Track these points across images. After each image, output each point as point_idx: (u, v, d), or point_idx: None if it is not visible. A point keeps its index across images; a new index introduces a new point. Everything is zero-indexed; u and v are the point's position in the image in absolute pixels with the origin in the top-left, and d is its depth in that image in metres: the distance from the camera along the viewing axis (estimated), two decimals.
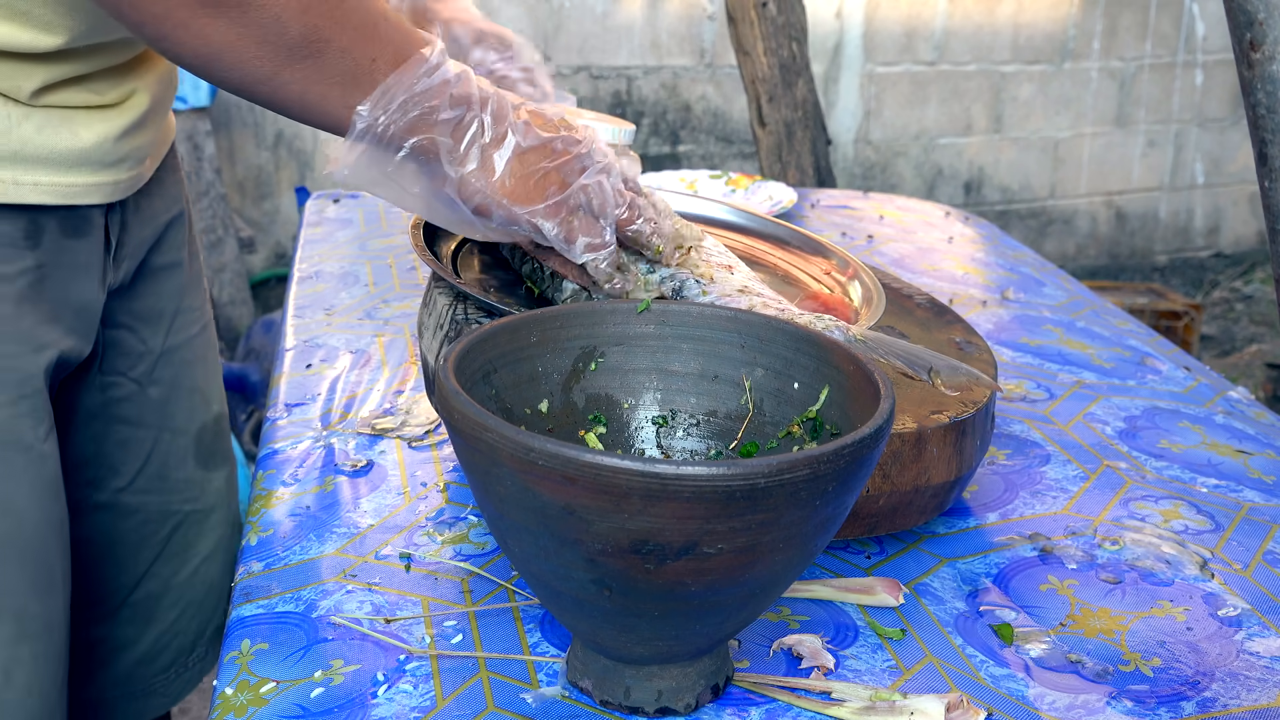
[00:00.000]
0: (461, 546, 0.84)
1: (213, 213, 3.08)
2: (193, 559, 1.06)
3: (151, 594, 1.04)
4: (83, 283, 0.86)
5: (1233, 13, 0.81)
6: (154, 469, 1.01)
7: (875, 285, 0.96)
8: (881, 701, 0.68)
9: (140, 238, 0.94)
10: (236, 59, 0.69)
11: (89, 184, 0.83)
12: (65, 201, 0.81)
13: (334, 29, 0.70)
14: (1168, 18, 4.21)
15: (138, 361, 0.98)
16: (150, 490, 1.01)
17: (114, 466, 0.99)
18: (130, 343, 0.97)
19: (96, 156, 0.82)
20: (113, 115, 0.84)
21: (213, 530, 1.07)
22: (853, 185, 3.93)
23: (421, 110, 0.74)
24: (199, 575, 1.07)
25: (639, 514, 0.55)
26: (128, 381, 0.97)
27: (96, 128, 0.82)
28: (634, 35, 3.66)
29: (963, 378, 0.78)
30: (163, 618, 1.06)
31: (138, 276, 0.96)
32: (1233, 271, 4.40)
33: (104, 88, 0.83)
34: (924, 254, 1.51)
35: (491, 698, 0.68)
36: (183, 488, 1.04)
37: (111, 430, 0.98)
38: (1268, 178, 0.83)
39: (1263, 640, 0.76)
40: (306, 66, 0.71)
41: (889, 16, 3.89)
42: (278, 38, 0.69)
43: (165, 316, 1.00)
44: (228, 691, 0.69)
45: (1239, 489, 0.94)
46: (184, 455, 1.03)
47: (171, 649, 1.07)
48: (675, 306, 0.74)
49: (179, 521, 1.04)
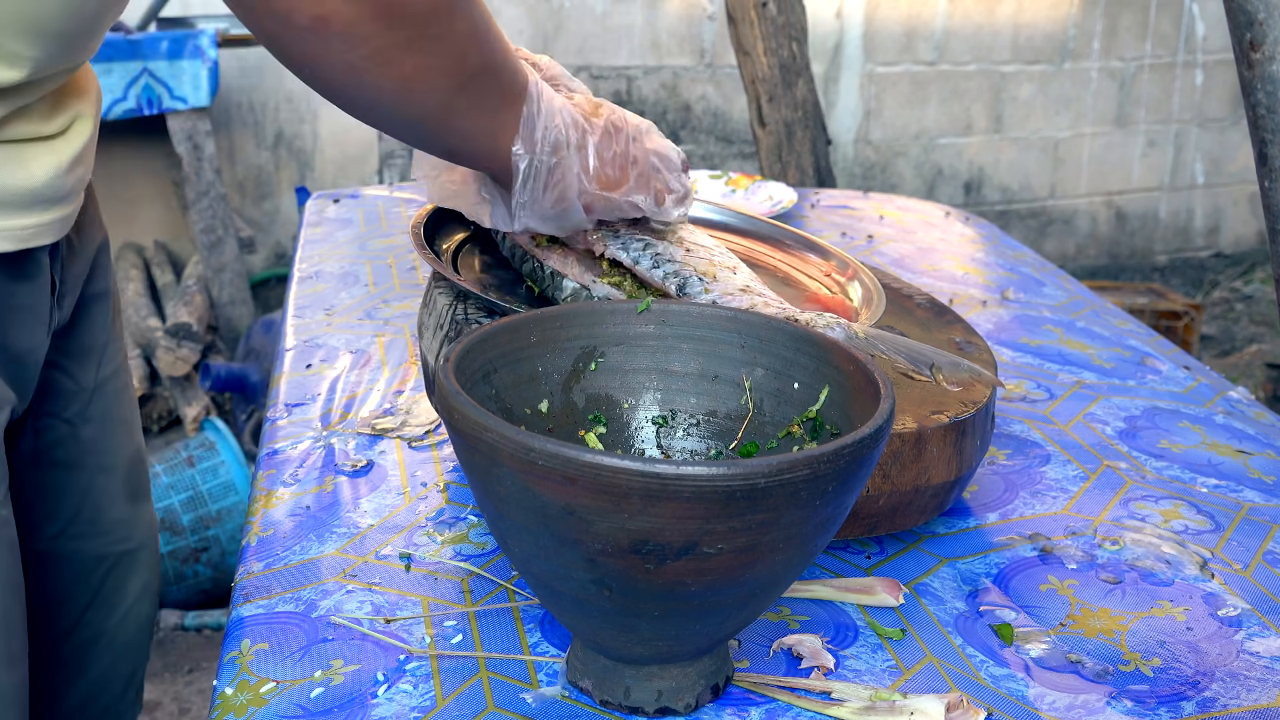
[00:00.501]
0: (461, 546, 0.84)
1: (213, 213, 3.08)
2: (124, 601, 1.02)
3: (84, 642, 1.00)
4: (27, 329, 0.81)
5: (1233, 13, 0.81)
6: (88, 512, 0.97)
7: (875, 285, 0.96)
8: (881, 701, 0.68)
9: (75, 272, 0.89)
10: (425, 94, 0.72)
11: (41, 223, 0.77)
12: (20, 246, 0.76)
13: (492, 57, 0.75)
14: (1168, 18, 4.21)
15: (71, 401, 0.93)
16: (84, 535, 0.97)
17: (46, 513, 0.94)
18: (62, 382, 0.92)
19: (49, 193, 0.77)
20: (60, 146, 0.79)
21: (141, 569, 1.03)
22: (853, 185, 3.93)
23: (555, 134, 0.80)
24: (129, 617, 1.03)
25: (639, 514, 0.55)
26: (60, 423, 0.93)
27: (48, 160, 0.77)
28: (634, 35, 3.66)
29: (965, 373, 0.78)
30: (94, 665, 1.01)
31: (75, 313, 0.91)
32: (1233, 271, 4.40)
33: (47, 114, 0.78)
34: (924, 254, 1.51)
35: (491, 698, 0.68)
36: (115, 528, 0.99)
37: (46, 476, 0.93)
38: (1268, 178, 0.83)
39: (1263, 640, 0.76)
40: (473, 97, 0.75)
41: (889, 16, 3.89)
42: (460, 68, 0.73)
43: (96, 350, 0.95)
44: (228, 691, 0.69)
45: (1239, 489, 0.94)
46: (115, 493, 0.99)
47: (106, 695, 1.03)
48: (675, 306, 0.74)
49: (111, 565, 1.00)
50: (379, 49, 0.68)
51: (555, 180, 0.82)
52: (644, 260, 0.87)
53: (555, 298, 0.88)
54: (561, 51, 3.60)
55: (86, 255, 0.91)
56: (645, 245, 0.88)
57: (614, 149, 0.84)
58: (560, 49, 3.60)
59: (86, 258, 0.91)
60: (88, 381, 0.94)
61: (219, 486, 2.29)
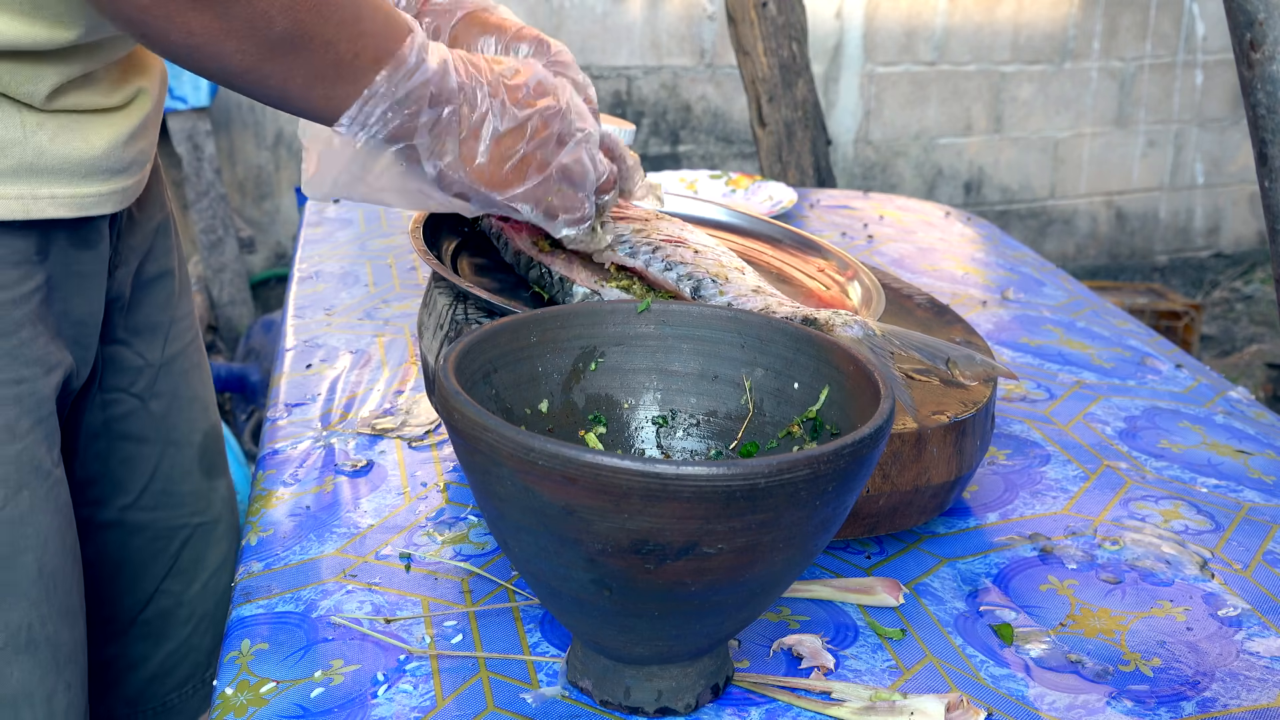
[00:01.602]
0: (461, 546, 0.84)
1: (213, 213, 3.08)
2: (203, 572, 1.04)
3: (163, 611, 1.02)
4: (86, 295, 0.84)
5: (1233, 13, 0.81)
6: (160, 484, 0.99)
7: (875, 285, 0.96)
8: (881, 701, 0.68)
9: (132, 246, 0.92)
10: (218, 51, 0.68)
11: (101, 193, 0.80)
12: (80, 213, 0.79)
13: (318, 23, 0.69)
14: (1168, 18, 4.21)
15: (137, 377, 0.95)
16: (157, 506, 1.00)
17: (120, 484, 0.97)
18: (128, 358, 0.95)
19: (107, 164, 0.80)
20: (119, 119, 0.82)
21: (220, 541, 1.05)
22: (853, 185, 3.93)
23: (402, 118, 0.74)
24: (209, 588, 1.05)
25: (639, 514, 0.55)
26: (129, 397, 0.95)
27: (106, 132, 0.80)
28: (634, 35, 3.66)
29: (979, 366, 0.79)
30: (175, 634, 1.03)
31: (133, 289, 0.94)
32: (1233, 271, 4.40)
33: (110, 88, 0.81)
34: (924, 254, 1.51)
35: (491, 698, 0.68)
36: (189, 500, 1.02)
37: (115, 448, 0.95)
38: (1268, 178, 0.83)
39: (1263, 640, 0.76)
40: (289, 60, 0.69)
41: (889, 16, 3.89)
42: (262, 31, 0.67)
43: (161, 328, 0.97)
44: (228, 691, 0.69)
45: (1239, 489, 0.94)
46: (189, 467, 1.01)
47: (185, 665, 1.05)
48: (675, 306, 0.74)
49: (188, 536, 1.02)
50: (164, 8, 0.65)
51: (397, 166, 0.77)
52: (655, 264, 0.87)
53: (565, 304, 0.88)
54: None
55: (146, 231, 0.94)
56: (654, 249, 0.88)
57: (517, 147, 0.79)
58: None
59: (146, 233, 0.94)
60: (154, 358, 0.96)
61: None
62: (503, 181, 0.79)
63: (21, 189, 0.75)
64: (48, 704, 0.80)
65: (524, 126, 0.79)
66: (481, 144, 0.78)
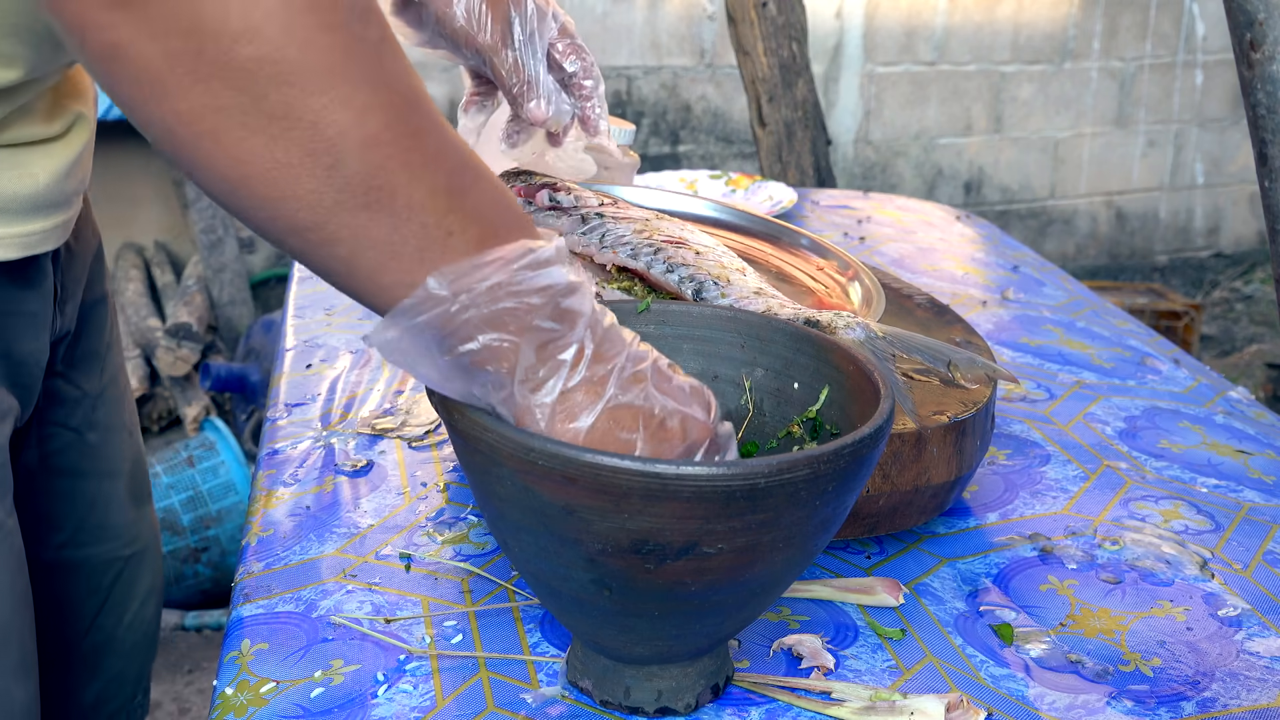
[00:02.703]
0: (461, 546, 0.84)
1: (213, 213, 3.07)
2: (133, 603, 1.02)
3: (96, 646, 1.00)
4: (29, 336, 0.78)
5: (1233, 13, 0.81)
6: (95, 518, 0.96)
7: (875, 286, 0.96)
8: (881, 701, 0.68)
9: (75, 278, 0.88)
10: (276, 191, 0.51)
11: (45, 229, 0.75)
12: (26, 253, 0.74)
13: (404, 176, 0.53)
14: (1168, 18, 4.21)
15: (75, 409, 0.91)
16: (92, 541, 0.96)
17: (55, 522, 0.93)
18: (66, 390, 0.90)
19: (50, 198, 0.75)
20: (59, 149, 0.76)
21: (146, 571, 1.03)
22: (853, 185, 3.93)
23: (516, 305, 0.55)
24: (137, 620, 1.03)
25: (639, 514, 0.55)
26: (66, 431, 0.91)
27: (47, 165, 0.74)
28: (634, 35, 3.66)
29: (980, 369, 0.79)
30: (106, 668, 1.01)
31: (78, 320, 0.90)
32: (1233, 271, 4.40)
33: (47, 116, 0.75)
34: (924, 254, 1.51)
35: (491, 698, 0.68)
36: (122, 532, 0.99)
37: (52, 485, 0.91)
38: (1268, 178, 0.83)
39: (1263, 640, 0.76)
40: (362, 219, 0.53)
41: (889, 16, 3.89)
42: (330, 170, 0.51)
43: (99, 355, 0.94)
44: (228, 691, 0.69)
45: (1239, 489, 0.94)
46: (120, 498, 0.98)
47: (119, 697, 1.03)
48: (675, 306, 0.74)
49: (120, 569, 0.99)
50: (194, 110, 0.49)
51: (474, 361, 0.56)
52: (657, 265, 0.87)
53: None
54: None
55: (85, 260, 0.90)
56: (655, 250, 0.88)
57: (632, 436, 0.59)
58: None
59: (85, 263, 0.90)
60: (92, 388, 0.93)
61: (219, 486, 2.29)
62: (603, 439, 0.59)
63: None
64: None
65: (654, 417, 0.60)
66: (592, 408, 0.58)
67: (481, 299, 0.55)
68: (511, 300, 0.55)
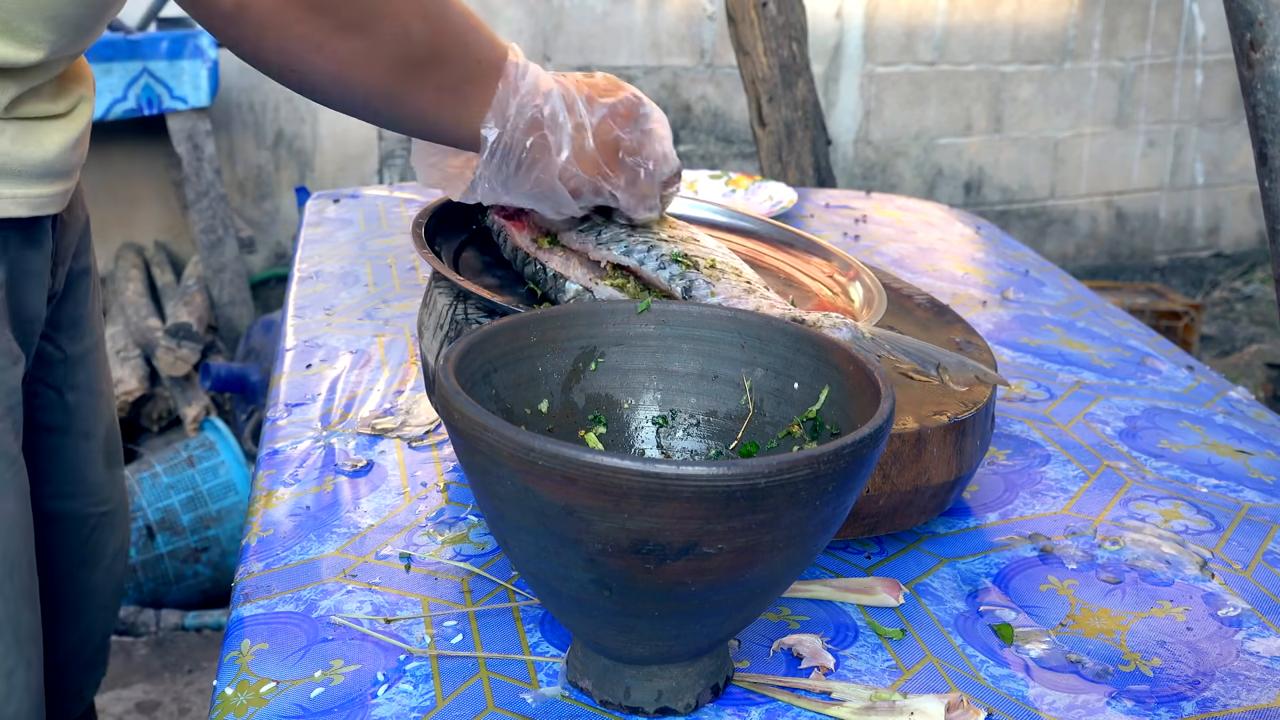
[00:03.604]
0: (461, 546, 0.84)
1: (213, 213, 3.07)
2: (103, 560, 1.09)
3: (73, 598, 1.06)
4: (34, 292, 0.87)
5: (1233, 13, 0.81)
6: (73, 474, 1.03)
7: (877, 286, 0.96)
8: (881, 701, 0.68)
9: (67, 245, 0.95)
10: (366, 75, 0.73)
11: (50, 194, 0.84)
12: (34, 213, 0.82)
13: (447, 36, 0.76)
14: (1168, 18, 4.21)
15: (55, 368, 0.99)
16: (71, 495, 1.03)
17: (42, 474, 0.99)
18: (49, 351, 0.98)
19: (58, 166, 0.84)
20: (67, 124, 0.85)
21: (117, 530, 1.10)
22: (853, 185, 3.93)
23: (532, 112, 0.80)
24: (109, 574, 1.10)
25: (639, 514, 0.55)
26: (48, 390, 0.99)
27: (57, 137, 0.83)
28: (634, 35, 3.66)
29: (970, 372, 0.79)
30: (81, 621, 1.08)
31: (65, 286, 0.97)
32: (1233, 271, 4.40)
33: (55, 96, 0.84)
34: (924, 254, 1.51)
35: (491, 698, 0.68)
36: (95, 490, 1.06)
37: (36, 439, 0.97)
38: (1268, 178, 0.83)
39: (1263, 640, 0.76)
40: (428, 76, 0.75)
41: (889, 16, 3.89)
42: (405, 49, 0.73)
43: (80, 321, 1.01)
44: (228, 691, 0.69)
45: (1239, 489, 0.94)
46: (95, 457, 1.05)
47: (84, 651, 1.10)
48: (675, 306, 0.74)
49: (94, 524, 1.06)
50: (306, 34, 0.70)
51: (533, 159, 0.82)
52: (649, 262, 0.87)
53: (558, 300, 0.88)
54: (561, 51, 3.60)
55: (76, 231, 0.97)
56: (649, 248, 0.88)
57: (614, 133, 0.84)
58: (560, 49, 3.60)
59: (76, 232, 0.98)
60: (73, 351, 1.00)
61: (219, 486, 2.29)
62: (600, 168, 0.85)
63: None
64: (8, 680, 0.82)
65: (610, 116, 0.84)
66: (585, 136, 0.83)
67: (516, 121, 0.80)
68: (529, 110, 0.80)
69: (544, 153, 0.82)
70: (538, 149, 0.82)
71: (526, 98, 0.80)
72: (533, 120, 0.81)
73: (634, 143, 0.86)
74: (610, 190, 0.86)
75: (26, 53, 0.77)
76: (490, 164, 0.81)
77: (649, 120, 0.88)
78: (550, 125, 0.82)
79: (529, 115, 0.80)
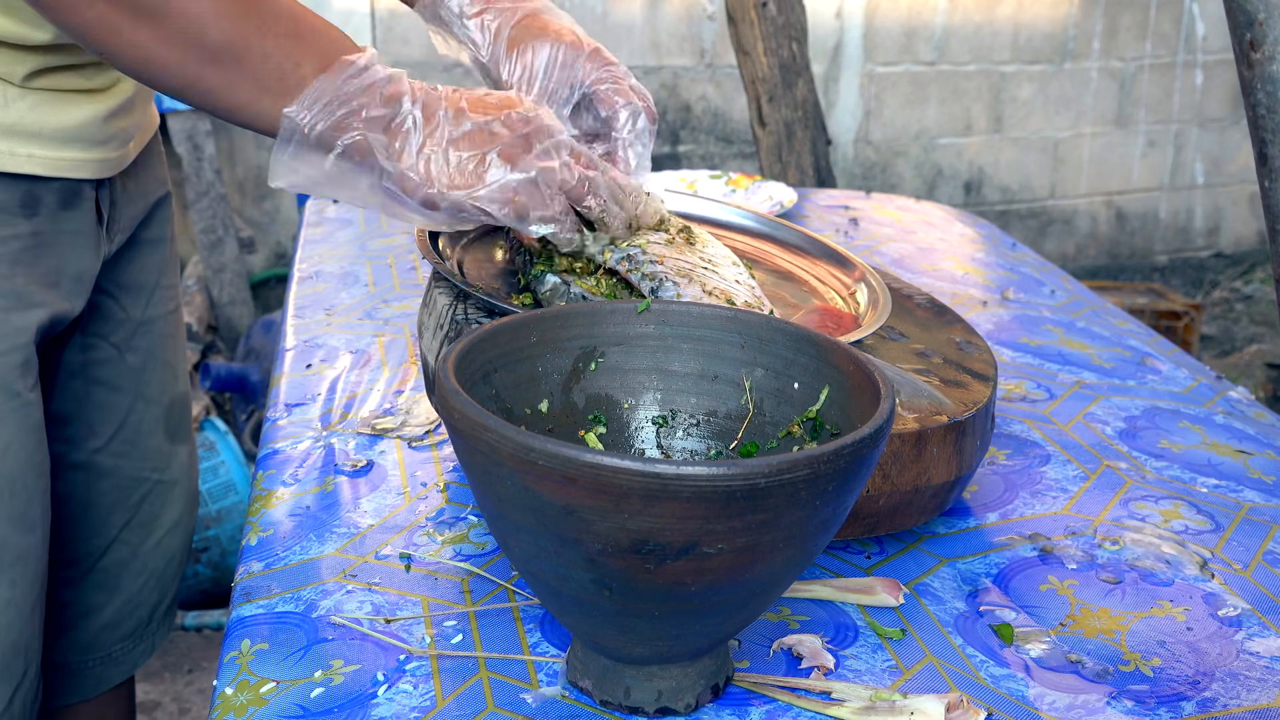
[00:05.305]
0: (461, 546, 0.84)
1: (213, 213, 3.08)
2: (158, 529, 1.11)
3: (119, 561, 1.09)
4: (78, 250, 0.91)
5: (1233, 13, 0.81)
6: (128, 434, 1.06)
7: (881, 287, 0.96)
8: (881, 701, 0.68)
9: (130, 214, 0.99)
10: (164, 63, 0.73)
11: (79, 159, 0.87)
12: (57, 174, 0.86)
13: (254, 35, 0.74)
14: (1168, 18, 4.21)
15: (118, 327, 1.03)
16: (123, 454, 1.06)
17: (92, 426, 1.03)
18: (112, 309, 1.02)
19: (85, 135, 0.87)
20: (99, 99, 0.89)
21: (176, 503, 1.12)
22: (853, 185, 3.93)
23: (349, 109, 0.76)
24: (162, 546, 1.11)
25: (639, 514, 0.55)
26: (108, 345, 1.02)
27: (84, 109, 0.87)
28: (634, 35, 3.66)
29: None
30: (127, 586, 1.10)
31: (125, 247, 1.01)
32: (1233, 271, 4.40)
33: (92, 74, 0.87)
34: (924, 254, 1.51)
35: (491, 698, 0.68)
36: (152, 456, 1.08)
37: (90, 391, 1.02)
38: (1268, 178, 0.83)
39: (1263, 640, 0.76)
40: (229, 71, 0.74)
41: (889, 16, 3.89)
42: (197, 42, 0.73)
43: (146, 289, 1.05)
44: (228, 691, 0.69)
45: (1239, 489, 0.94)
46: (154, 425, 1.08)
47: (133, 618, 1.11)
48: (675, 307, 0.74)
49: (148, 490, 1.09)
50: (101, 17, 0.71)
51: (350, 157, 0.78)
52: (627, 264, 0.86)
53: (536, 290, 0.88)
54: None
55: (143, 203, 1.02)
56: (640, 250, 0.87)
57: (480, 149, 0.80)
58: None
59: (143, 205, 1.02)
60: (135, 314, 1.04)
61: (219, 486, 2.28)
62: (464, 183, 0.80)
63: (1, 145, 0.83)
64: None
65: (485, 130, 0.80)
66: (438, 146, 0.79)
67: (322, 114, 0.76)
68: (344, 107, 0.76)
69: (366, 155, 0.78)
70: (358, 150, 0.77)
71: (350, 96, 0.76)
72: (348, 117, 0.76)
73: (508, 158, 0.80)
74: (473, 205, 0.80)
75: (33, 31, 0.80)
76: (286, 149, 0.77)
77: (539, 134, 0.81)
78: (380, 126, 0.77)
79: (343, 111, 0.76)
